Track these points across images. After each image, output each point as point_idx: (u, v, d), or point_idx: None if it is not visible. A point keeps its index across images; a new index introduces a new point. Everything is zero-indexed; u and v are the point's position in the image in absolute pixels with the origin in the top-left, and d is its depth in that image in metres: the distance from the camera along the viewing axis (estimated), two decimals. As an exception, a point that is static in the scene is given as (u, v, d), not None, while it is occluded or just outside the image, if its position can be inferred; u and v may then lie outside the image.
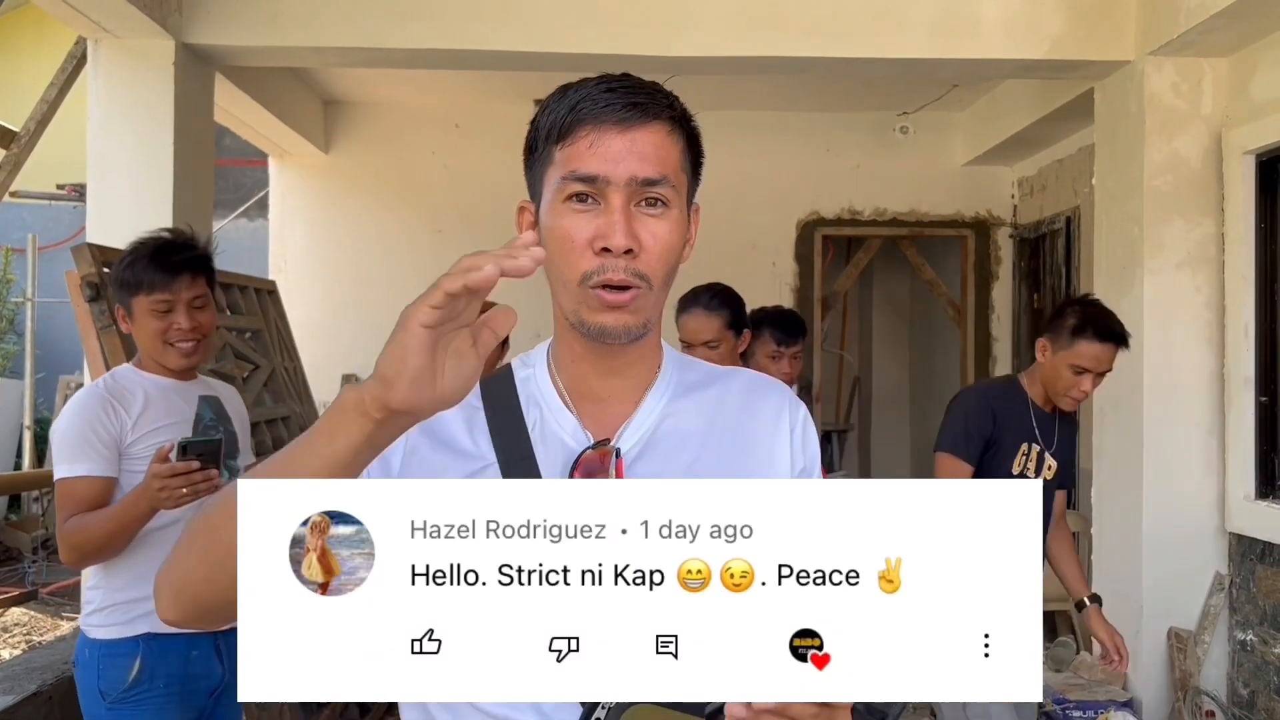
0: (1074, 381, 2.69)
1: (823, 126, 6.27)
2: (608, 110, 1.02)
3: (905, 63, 4.19)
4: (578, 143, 1.02)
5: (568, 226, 1.03)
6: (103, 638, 2.24)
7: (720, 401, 1.14)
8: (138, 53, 3.91)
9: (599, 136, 1.02)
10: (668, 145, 1.06)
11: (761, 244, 6.26)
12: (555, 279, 1.07)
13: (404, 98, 6.19)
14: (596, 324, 1.04)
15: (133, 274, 2.29)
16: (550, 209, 1.05)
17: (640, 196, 1.03)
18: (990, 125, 5.81)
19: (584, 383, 1.10)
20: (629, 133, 1.03)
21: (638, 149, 1.02)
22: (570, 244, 1.03)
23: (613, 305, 1.02)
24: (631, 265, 1.02)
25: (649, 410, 1.10)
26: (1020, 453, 2.79)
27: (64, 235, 8.16)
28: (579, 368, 1.10)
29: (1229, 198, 3.87)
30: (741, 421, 1.14)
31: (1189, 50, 3.85)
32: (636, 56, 4.14)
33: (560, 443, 1.07)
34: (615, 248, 1.00)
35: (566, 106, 1.04)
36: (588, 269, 1.02)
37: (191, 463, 2.05)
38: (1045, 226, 5.88)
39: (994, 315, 6.42)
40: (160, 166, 3.91)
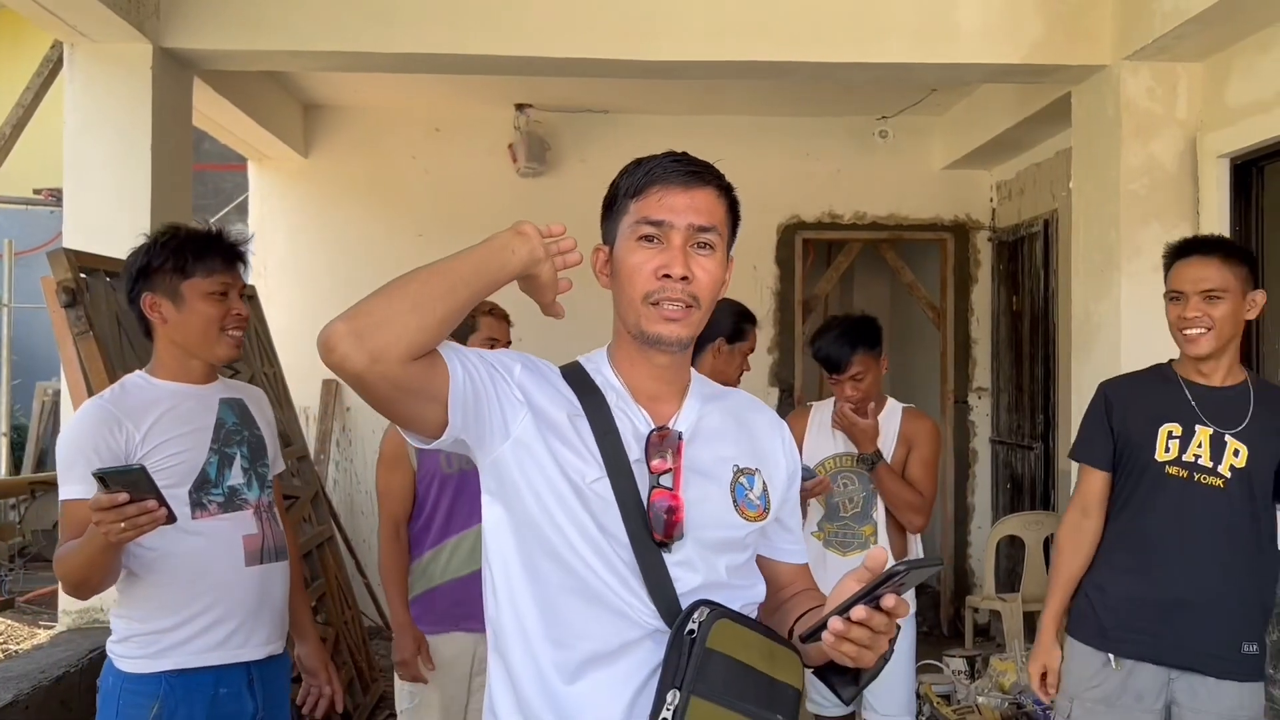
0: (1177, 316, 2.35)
1: (803, 131, 6.29)
2: (674, 175, 1.40)
3: (884, 67, 4.21)
4: (649, 197, 1.39)
5: (638, 258, 1.38)
6: (128, 670, 2.11)
7: (733, 410, 1.50)
8: (114, 57, 3.88)
9: (667, 193, 1.39)
10: (717, 204, 1.44)
11: (742, 248, 6.14)
12: (622, 298, 1.41)
13: (383, 101, 6.17)
14: (655, 333, 1.38)
15: (184, 257, 2.14)
16: (624, 245, 1.40)
17: (695, 240, 1.39)
18: (969, 129, 5.85)
19: (639, 383, 1.43)
20: (689, 191, 1.40)
21: (695, 204, 1.39)
22: (639, 271, 1.38)
23: (670, 318, 1.37)
24: (687, 289, 1.37)
25: (690, 408, 1.45)
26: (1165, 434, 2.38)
27: (41, 240, 8.09)
28: (636, 370, 1.43)
29: (1204, 201, 3.90)
30: (750, 426, 1.50)
31: (1164, 55, 3.88)
32: (616, 61, 4.15)
33: (630, 423, 1.40)
34: (675, 274, 1.35)
35: (643, 171, 1.42)
36: (650, 290, 1.37)
37: (117, 495, 1.79)
38: (1024, 230, 5.92)
39: (973, 318, 6.45)
40: (138, 171, 3.88)
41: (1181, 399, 2.38)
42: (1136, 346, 3.92)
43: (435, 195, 6.19)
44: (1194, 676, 2.34)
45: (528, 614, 1.35)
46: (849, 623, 1.17)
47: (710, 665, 1.24)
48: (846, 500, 3.11)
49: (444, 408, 1.30)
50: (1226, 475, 2.32)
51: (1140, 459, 2.39)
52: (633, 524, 1.32)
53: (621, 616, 1.33)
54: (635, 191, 1.41)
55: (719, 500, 1.39)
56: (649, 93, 5.78)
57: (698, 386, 1.48)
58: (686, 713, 1.23)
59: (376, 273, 6.01)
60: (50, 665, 3.21)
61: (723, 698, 1.25)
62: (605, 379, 1.43)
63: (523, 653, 1.35)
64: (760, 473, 1.45)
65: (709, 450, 1.42)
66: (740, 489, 1.41)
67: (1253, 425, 2.33)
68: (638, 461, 1.36)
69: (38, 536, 6.30)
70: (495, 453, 1.36)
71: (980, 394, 6.45)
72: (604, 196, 1.48)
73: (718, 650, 1.26)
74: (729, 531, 1.40)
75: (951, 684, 4.36)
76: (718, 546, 1.38)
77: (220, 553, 2.15)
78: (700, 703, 1.23)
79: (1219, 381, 2.39)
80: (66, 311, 2.98)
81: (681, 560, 1.34)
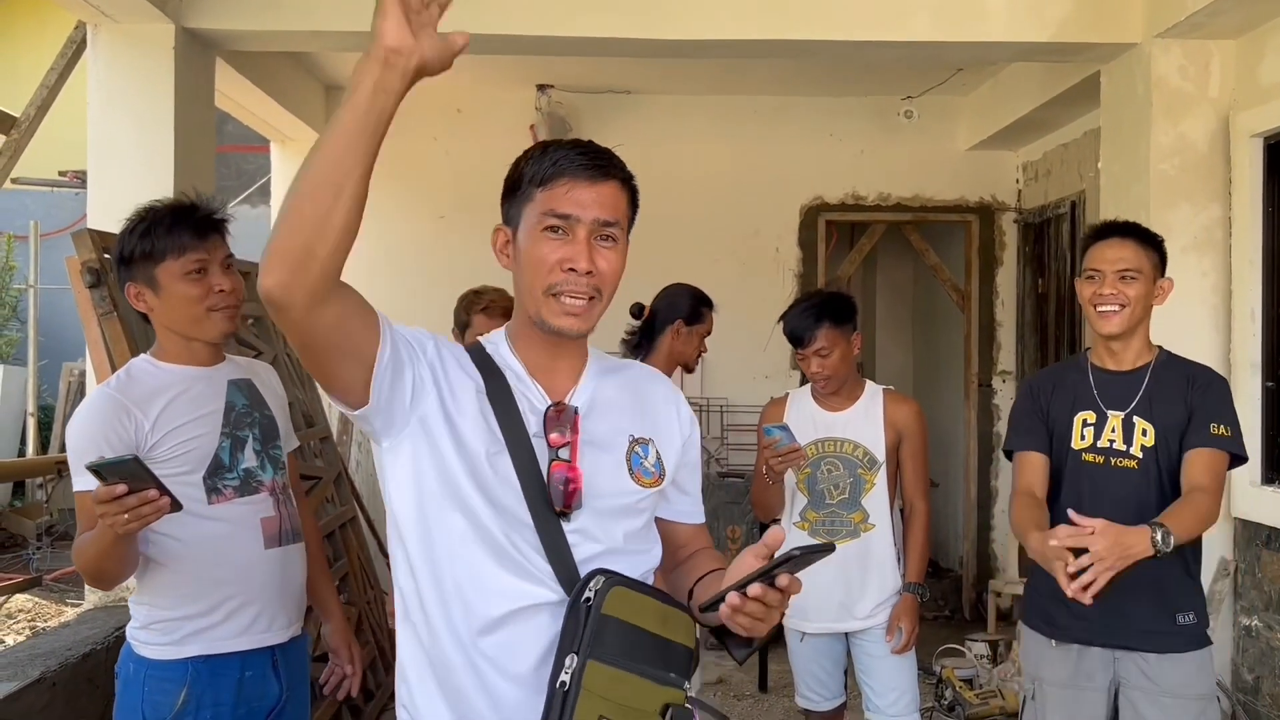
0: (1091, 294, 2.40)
1: (826, 111, 6.23)
2: (581, 169, 1.42)
3: (910, 46, 4.16)
4: (556, 189, 1.42)
5: (543, 250, 1.42)
6: (151, 656, 2.08)
7: (629, 382, 1.58)
8: (137, 37, 3.89)
9: (574, 186, 1.42)
10: (620, 197, 1.47)
11: (765, 230, 6.23)
12: (524, 285, 1.45)
13: (405, 83, 6.15)
14: (556, 325, 1.43)
15: (155, 240, 2.07)
16: (529, 234, 1.43)
17: (599, 233, 1.43)
18: (995, 109, 5.77)
19: (537, 361, 1.49)
20: (596, 186, 1.43)
21: (601, 198, 1.43)
22: (544, 262, 1.41)
23: (571, 312, 1.42)
24: (590, 282, 1.42)
25: (587, 383, 1.52)
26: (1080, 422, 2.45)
27: (66, 222, 8.14)
28: (533, 350, 1.49)
29: (1236, 181, 3.84)
30: (645, 396, 1.58)
31: (1196, 33, 3.81)
32: (638, 40, 4.12)
33: (528, 401, 1.46)
34: (580, 269, 1.40)
35: (550, 161, 1.44)
36: (553, 281, 1.41)
37: (115, 487, 1.76)
38: (1050, 211, 5.86)
39: (998, 300, 6.39)
40: (161, 152, 3.89)
41: (1089, 387, 2.47)
42: (1164, 329, 3.85)
43: (456, 177, 6.18)
44: (1136, 655, 2.38)
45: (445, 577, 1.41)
46: (745, 598, 1.27)
47: (606, 631, 1.33)
48: (832, 487, 3.01)
49: (369, 373, 1.34)
50: (1138, 455, 2.40)
51: (1061, 449, 2.47)
52: (532, 497, 1.40)
53: (528, 580, 1.40)
54: (542, 181, 1.43)
55: (615, 469, 1.48)
56: (671, 73, 5.74)
57: (595, 362, 1.55)
58: (584, 676, 1.31)
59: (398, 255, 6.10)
60: (77, 643, 3.24)
61: (618, 660, 1.34)
62: (504, 359, 1.49)
63: (439, 613, 1.41)
64: (655, 441, 1.54)
65: (605, 422, 1.50)
66: (636, 457, 1.50)
67: (1146, 403, 2.40)
68: (536, 436, 1.43)
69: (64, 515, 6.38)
70: (406, 427, 1.40)
71: (1004, 378, 6.40)
72: (507, 176, 1.50)
73: (613, 616, 1.34)
74: (625, 499, 1.48)
75: (974, 668, 4.35)
76: (615, 514, 1.46)
77: (240, 537, 2.13)
78: (597, 666, 1.32)
79: (1129, 364, 2.46)
80: (91, 292, 3.00)
81: (579, 529, 1.42)
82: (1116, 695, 2.44)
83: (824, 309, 2.98)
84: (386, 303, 5.57)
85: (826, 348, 2.93)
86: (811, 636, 3.04)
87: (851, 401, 3.04)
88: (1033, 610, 2.53)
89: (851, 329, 2.99)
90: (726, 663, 5.28)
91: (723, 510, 5.47)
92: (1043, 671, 2.48)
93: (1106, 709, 2.44)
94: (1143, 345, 2.48)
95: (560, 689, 1.32)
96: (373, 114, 1.20)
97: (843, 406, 3.04)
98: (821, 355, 2.94)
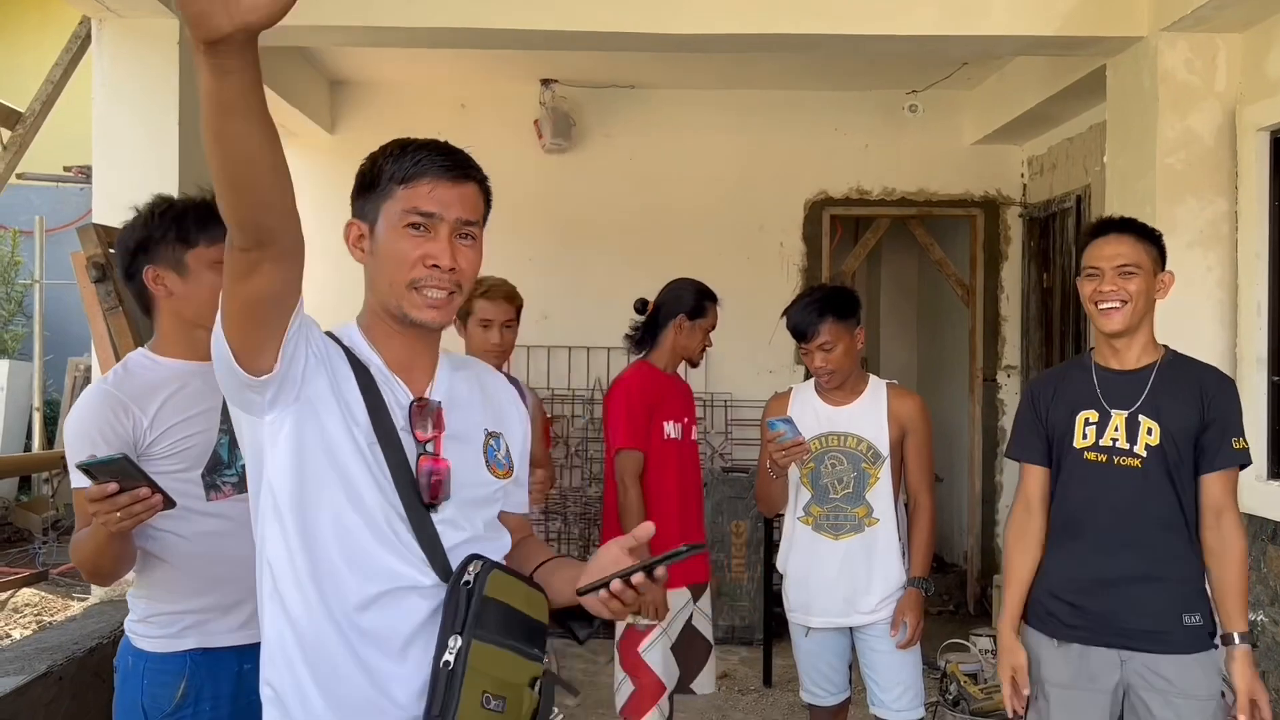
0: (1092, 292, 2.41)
1: (831, 105, 6.22)
2: (444, 170, 1.48)
3: (915, 40, 4.15)
4: (419, 187, 1.46)
5: (406, 245, 1.47)
6: (149, 649, 2.08)
7: (475, 378, 1.65)
8: (142, 32, 3.89)
9: (437, 186, 1.47)
10: (478, 198, 1.54)
11: (769, 224, 6.23)
12: (383, 279, 1.49)
13: (409, 78, 6.15)
14: (420, 318, 1.48)
15: (190, 225, 2.06)
16: (391, 230, 1.48)
17: (460, 231, 1.49)
18: (1000, 103, 5.76)
19: (394, 355, 1.53)
20: (458, 186, 1.49)
21: (463, 199, 1.49)
22: (406, 258, 1.47)
23: (434, 305, 1.48)
24: (452, 278, 1.48)
25: (442, 378, 1.57)
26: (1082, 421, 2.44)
27: (71, 217, 8.15)
28: (391, 344, 1.53)
29: (1243, 175, 3.83)
30: (491, 392, 1.66)
31: (1203, 26, 3.80)
32: (642, 34, 4.12)
33: (393, 395, 1.50)
34: (444, 265, 1.46)
35: (412, 160, 1.48)
36: (416, 276, 1.46)
37: (106, 486, 1.74)
38: (1055, 205, 5.84)
39: (1003, 295, 6.38)
40: (166, 146, 3.89)
41: (1092, 385, 2.45)
42: (1169, 325, 3.85)
43: (461, 171, 6.17)
44: (1143, 656, 2.36)
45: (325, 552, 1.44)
46: (626, 586, 1.38)
47: (486, 612, 1.41)
48: (835, 481, 2.99)
49: (281, 339, 1.36)
50: (1142, 454, 2.38)
51: (1064, 448, 2.46)
52: (403, 489, 1.46)
53: (404, 563, 1.47)
54: (404, 179, 1.47)
55: (474, 462, 1.56)
56: (675, 67, 5.73)
57: (445, 358, 1.61)
58: (469, 655, 1.39)
59: (402, 249, 5.82)
60: (83, 637, 3.25)
61: (497, 639, 1.43)
62: (363, 353, 1.52)
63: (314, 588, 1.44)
64: (504, 435, 1.63)
65: (462, 417, 1.56)
66: (491, 450, 1.59)
67: (1152, 402, 2.37)
68: (404, 430, 1.49)
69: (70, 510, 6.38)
70: (294, 403, 1.43)
71: (1009, 372, 6.39)
72: (361, 172, 1.53)
73: (493, 598, 1.43)
74: (484, 490, 1.57)
75: (978, 663, 4.34)
76: (477, 504, 1.55)
77: (239, 534, 2.09)
78: (480, 645, 1.41)
79: (1133, 363, 2.43)
80: (96, 287, 3.00)
81: (447, 519, 1.50)
82: (1125, 697, 2.40)
83: (827, 303, 2.97)
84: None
85: (830, 342, 2.93)
86: (816, 631, 3.03)
87: (855, 396, 3.04)
88: (1034, 609, 2.51)
89: (855, 323, 2.99)
90: (731, 657, 5.29)
91: (726, 505, 5.47)
92: (1045, 673, 2.46)
93: (1112, 711, 2.41)
94: (1147, 343, 2.46)
95: (444, 668, 1.38)
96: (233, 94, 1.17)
97: (846, 401, 3.03)
98: (825, 350, 2.94)
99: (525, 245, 5.97)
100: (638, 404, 3.25)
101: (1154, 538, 2.37)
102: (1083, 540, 2.43)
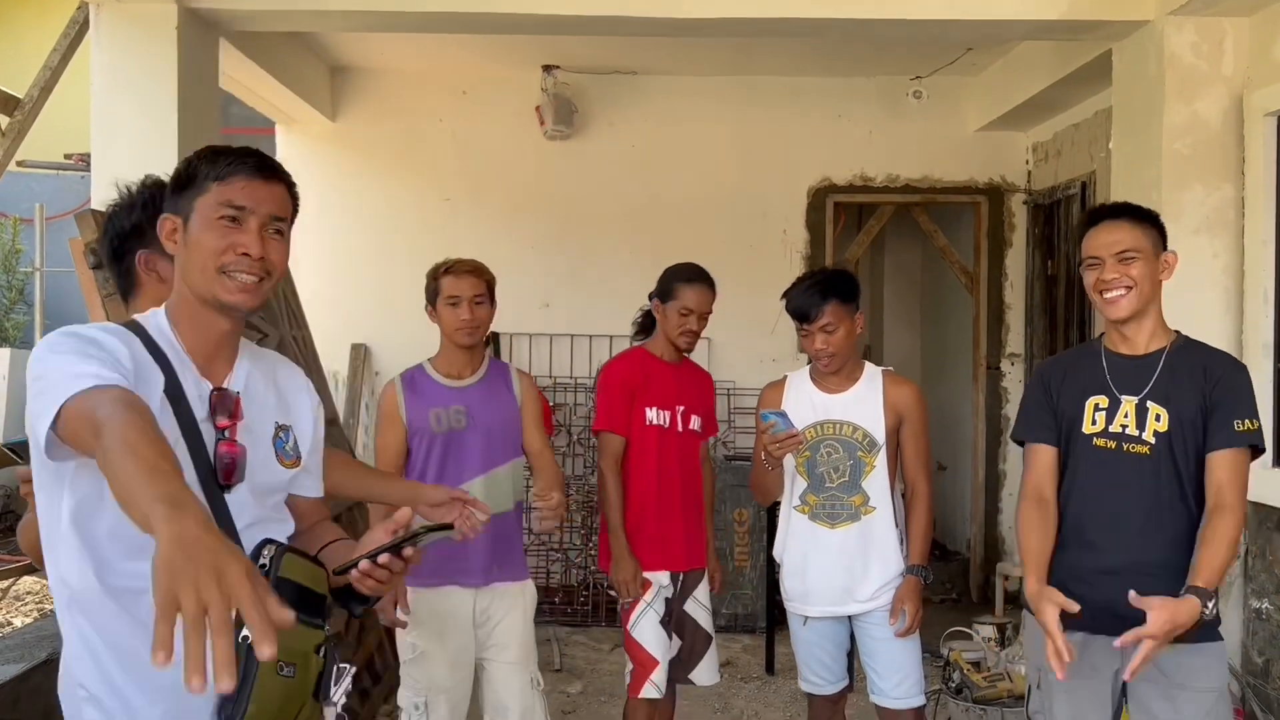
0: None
1: (834, 92, 6.19)
2: (255, 170, 1.62)
3: (919, 24, 4.12)
4: (234, 184, 1.60)
5: (218, 235, 1.59)
6: None
7: (270, 370, 1.75)
8: (140, 17, 3.86)
9: (250, 183, 1.61)
10: (287, 200, 1.68)
11: (773, 212, 6.20)
12: (195, 266, 1.60)
13: (410, 64, 6.12)
14: (231, 301, 1.60)
15: (200, 166, 2.06)
16: (205, 222, 1.59)
17: (270, 225, 1.62)
18: (1005, 89, 5.72)
19: (197, 345, 1.63)
20: (269, 184, 1.63)
21: (273, 196, 1.64)
22: (217, 247, 1.58)
23: (245, 289, 1.60)
24: (261, 266, 1.61)
25: (240, 369, 1.68)
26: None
27: (72, 205, 8.12)
28: (197, 333, 1.63)
29: (1249, 161, 3.80)
30: (282, 385, 1.77)
31: (1210, 10, 3.77)
32: (644, 19, 4.09)
33: (194, 385, 1.60)
34: (254, 254, 1.59)
35: (226, 162, 1.61)
36: (228, 263, 1.59)
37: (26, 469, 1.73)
38: (1060, 192, 5.81)
39: (1007, 282, 6.35)
40: (165, 133, 3.87)
41: (1102, 371, 2.41)
42: (1175, 312, 3.82)
43: (462, 158, 6.15)
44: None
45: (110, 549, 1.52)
46: (374, 565, 1.54)
47: (283, 592, 1.48)
48: (831, 470, 2.95)
49: None
50: (1151, 441, 2.34)
51: (1073, 434, 2.43)
52: (202, 473, 1.56)
53: None
54: (220, 177, 1.60)
55: (265, 451, 1.67)
56: (678, 53, 5.70)
57: (245, 350, 1.72)
58: None
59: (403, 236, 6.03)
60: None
61: None
62: (167, 341, 1.61)
63: (103, 583, 1.52)
64: (293, 428, 1.74)
65: (256, 407, 1.67)
66: (280, 442, 1.70)
67: (1161, 388, 2.34)
68: (204, 420, 1.58)
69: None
70: None
71: (1013, 360, 6.37)
72: (177, 173, 1.64)
73: (287, 578, 1.53)
74: (273, 478, 1.68)
75: (982, 651, 4.34)
76: (265, 490, 1.67)
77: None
78: None
79: (1142, 348, 2.40)
80: (95, 273, 2.98)
81: (239, 502, 1.60)
82: (1125, 687, 2.38)
83: (831, 284, 2.94)
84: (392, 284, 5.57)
85: (833, 323, 2.89)
86: (814, 620, 3.00)
87: (851, 383, 2.99)
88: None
89: (855, 308, 2.96)
90: (733, 645, 5.28)
91: (729, 494, 5.46)
92: (1047, 660, 2.45)
93: (1113, 700, 2.39)
94: (1156, 327, 2.43)
95: (244, 642, 1.43)
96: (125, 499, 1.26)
97: (842, 388, 2.99)
98: (828, 331, 2.90)
99: (526, 233, 5.95)
100: (617, 388, 3.25)
101: (1162, 525, 2.34)
102: (1089, 528, 2.41)
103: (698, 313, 3.25)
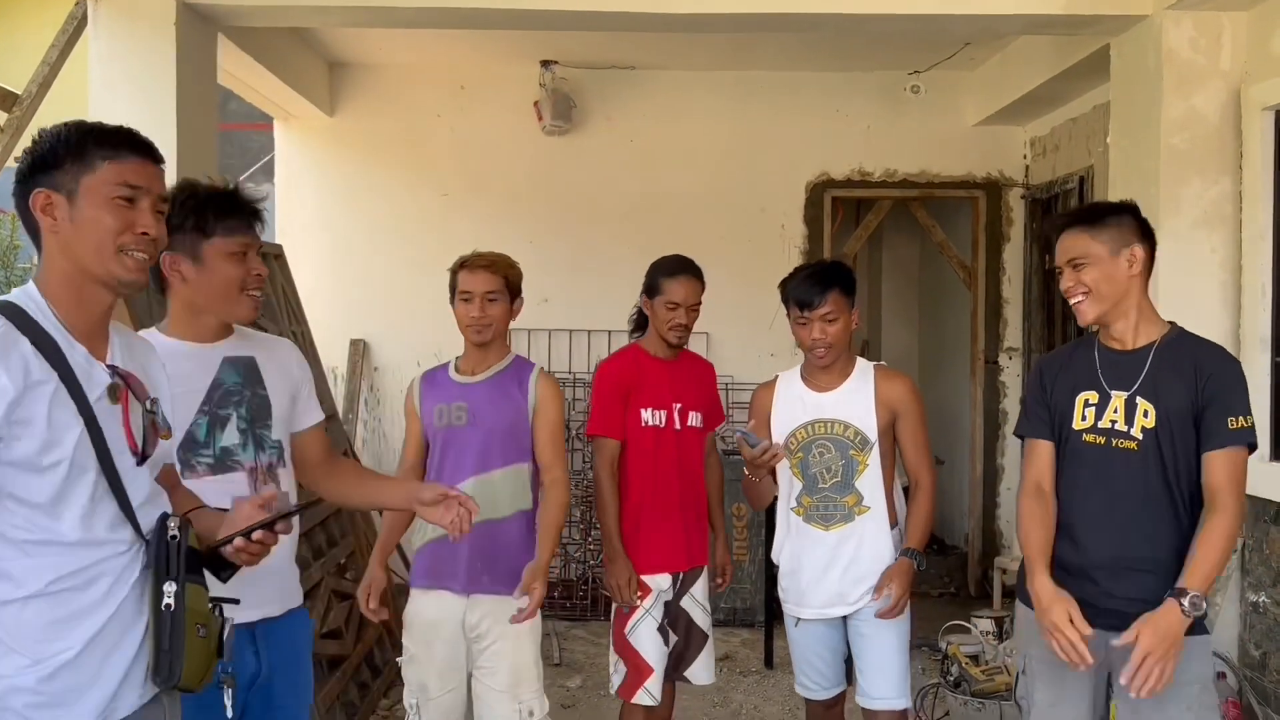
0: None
1: (832, 87, 6.19)
2: (146, 150, 1.72)
3: (917, 19, 4.12)
4: (127, 165, 1.68)
5: (114, 215, 1.65)
6: None
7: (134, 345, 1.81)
8: (138, 12, 3.86)
9: (142, 165, 1.70)
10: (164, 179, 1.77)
11: (770, 206, 6.20)
12: (89, 245, 1.64)
13: (409, 59, 6.12)
14: (129, 279, 1.67)
15: (208, 216, 2.14)
16: (98, 202, 1.64)
17: (157, 206, 1.71)
18: (1002, 84, 5.73)
19: (78, 322, 1.67)
20: (158, 166, 1.74)
21: (159, 176, 1.74)
22: (114, 226, 1.64)
23: (139, 267, 1.68)
24: (154, 246, 1.70)
25: (116, 345, 1.74)
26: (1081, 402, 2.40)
27: (69, 201, 8.11)
28: (79, 310, 1.67)
29: (1247, 155, 3.80)
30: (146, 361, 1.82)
31: (1208, 4, 3.77)
32: (642, 14, 4.09)
33: (81, 366, 1.64)
34: (152, 233, 1.69)
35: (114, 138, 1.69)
36: (125, 242, 1.65)
37: None
38: (1058, 187, 5.81)
39: (1005, 277, 6.36)
40: (163, 129, 3.86)
41: (1094, 366, 2.43)
42: (1175, 306, 3.84)
43: (460, 153, 6.15)
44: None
45: (58, 532, 1.61)
46: (248, 540, 1.72)
47: (189, 560, 1.68)
48: (824, 470, 2.91)
49: None
50: (1139, 437, 2.35)
51: (1064, 430, 2.44)
52: (100, 453, 1.64)
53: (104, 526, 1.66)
54: (112, 157, 1.67)
55: (148, 424, 1.75)
56: (675, 48, 5.69)
57: (112, 327, 1.77)
58: (185, 595, 1.67)
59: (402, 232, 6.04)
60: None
61: (194, 579, 1.71)
62: (49, 321, 1.65)
63: (33, 575, 1.60)
64: (160, 400, 1.81)
65: (136, 382, 1.75)
66: (159, 413, 1.79)
67: (1149, 384, 2.35)
68: (98, 401, 1.65)
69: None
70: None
71: (1011, 354, 6.38)
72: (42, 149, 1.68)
73: (190, 546, 1.70)
74: (156, 450, 1.76)
75: (979, 644, 4.35)
76: (153, 463, 1.77)
77: None
78: (192, 587, 1.69)
79: (1133, 343, 2.41)
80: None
81: (140, 478, 1.72)
82: (1110, 676, 2.38)
83: (834, 273, 2.92)
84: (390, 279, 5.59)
85: (834, 313, 2.87)
86: (807, 622, 2.96)
87: (842, 379, 2.95)
88: (1026, 585, 2.48)
89: (853, 303, 2.95)
90: (732, 639, 5.30)
91: (727, 488, 5.40)
92: (1033, 646, 2.44)
93: (1095, 688, 2.40)
94: (1141, 321, 2.42)
95: (166, 610, 1.65)
96: None
97: (832, 385, 2.95)
98: (828, 320, 2.87)
99: (524, 228, 5.95)
100: (609, 391, 3.21)
101: (1150, 521, 2.35)
102: (1078, 522, 2.41)
103: (685, 305, 3.21)
